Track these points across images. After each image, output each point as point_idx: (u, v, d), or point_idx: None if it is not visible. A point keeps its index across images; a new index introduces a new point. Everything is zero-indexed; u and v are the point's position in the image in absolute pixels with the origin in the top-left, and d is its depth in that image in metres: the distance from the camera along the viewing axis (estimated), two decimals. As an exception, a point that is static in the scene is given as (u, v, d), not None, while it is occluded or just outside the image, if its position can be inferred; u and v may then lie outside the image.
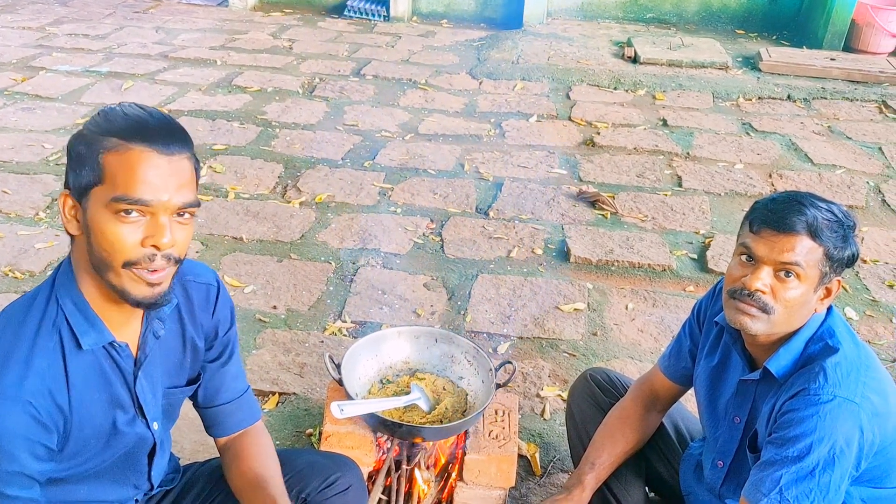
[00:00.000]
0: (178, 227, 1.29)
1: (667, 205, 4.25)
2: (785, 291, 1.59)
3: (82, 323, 1.34)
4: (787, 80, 6.37)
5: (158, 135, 1.25)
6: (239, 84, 5.82)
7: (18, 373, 1.26)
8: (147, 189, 1.23)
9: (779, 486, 1.58)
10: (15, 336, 1.30)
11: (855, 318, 3.34)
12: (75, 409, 1.34)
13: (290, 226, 3.88)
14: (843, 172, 4.76)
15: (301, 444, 2.55)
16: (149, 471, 1.60)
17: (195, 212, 1.33)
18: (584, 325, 3.22)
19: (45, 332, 1.31)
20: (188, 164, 1.30)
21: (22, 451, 1.26)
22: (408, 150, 4.81)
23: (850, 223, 1.61)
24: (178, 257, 1.32)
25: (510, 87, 6.12)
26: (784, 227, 1.57)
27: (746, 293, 1.60)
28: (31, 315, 1.33)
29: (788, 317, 1.62)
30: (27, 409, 1.25)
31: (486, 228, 3.93)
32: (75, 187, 1.27)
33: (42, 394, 1.28)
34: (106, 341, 1.37)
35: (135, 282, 1.28)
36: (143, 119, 1.26)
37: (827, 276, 1.60)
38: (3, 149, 4.52)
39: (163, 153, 1.25)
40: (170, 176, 1.26)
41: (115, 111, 1.28)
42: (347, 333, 3.10)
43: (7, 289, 3.22)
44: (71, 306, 1.33)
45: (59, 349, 1.32)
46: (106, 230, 1.25)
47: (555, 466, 2.51)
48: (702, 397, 1.94)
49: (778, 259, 1.57)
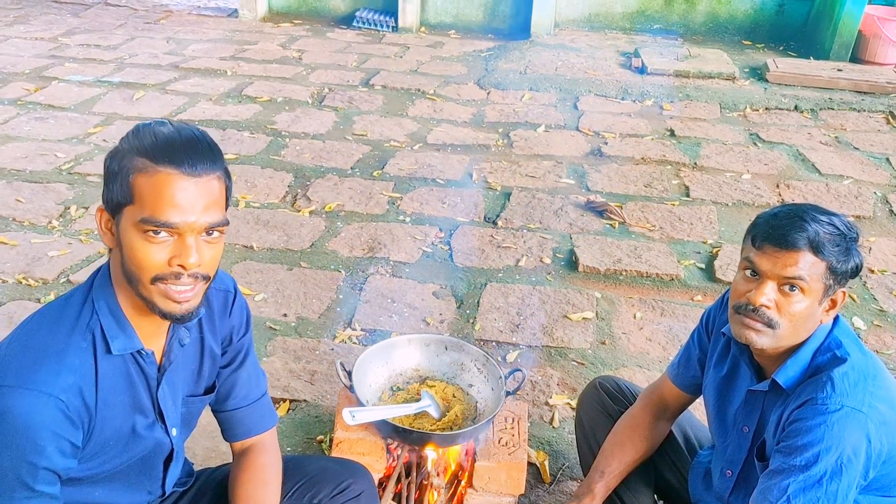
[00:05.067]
0: (205, 246, 1.32)
1: (674, 214, 4.27)
2: (789, 306, 1.60)
3: (114, 328, 1.37)
4: (795, 90, 6.39)
5: (186, 156, 1.27)
6: (249, 94, 5.87)
7: (52, 368, 1.29)
8: (174, 212, 1.26)
9: (786, 494, 1.59)
10: (50, 333, 1.33)
11: (863, 327, 3.35)
12: (100, 410, 1.37)
13: (300, 234, 3.91)
14: (851, 183, 4.77)
15: (312, 450, 2.57)
16: (163, 478, 1.62)
17: (224, 230, 1.36)
18: (593, 334, 3.24)
19: (80, 332, 1.34)
20: (217, 183, 1.32)
21: (50, 445, 1.28)
22: (416, 160, 4.84)
23: (853, 235, 1.62)
24: (207, 275, 1.35)
25: (518, 97, 6.16)
26: (786, 244, 1.57)
27: (751, 308, 1.61)
28: (67, 314, 1.36)
29: (794, 330, 1.63)
30: (58, 404, 1.28)
31: (494, 237, 3.95)
32: (109, 203, 1.31)
33: (73, 391, 1.31)
34: (135, 348, 1.40)
35: (163, 297, 1.32)
36: (172, 140, 1.28)
37: (831, 288, 1.61)
38: (17, 158, 4.56)
39: (190, 175, 1.27)
40: (197, 197, 1.28)
41: (147, 130, 1.30)
42: (357, 341, 3.13)
43: (21, 296, 3.25)
44: (105, 311, 1.37)
45: (91, 350, 1.35)
46: (135, 248, 1.28)
47: (564, 474, 2.52)
48: (711, 407, 1.95)
49: (781, 274, 1.58)
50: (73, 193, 4.18)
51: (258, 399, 1.75)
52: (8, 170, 4.41)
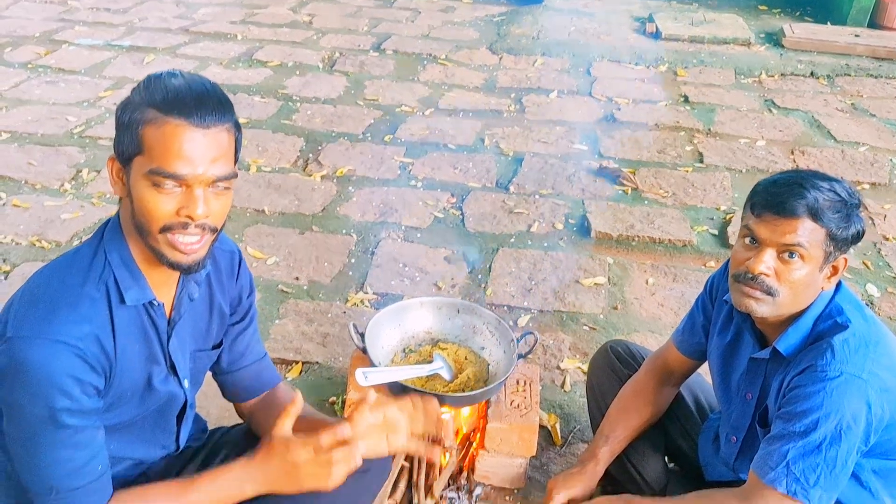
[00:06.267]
0: (213, 197, 1.32)
1: (688, 181, 4.24)
2: (789, 273, 1.59)
3: (127, 278, 1.38)
4: (811, 56, 6.30)
5: (195, 107, 1.27)
6: (259, 58, 5.83)
7: (67, 318, 1.30)
8: (181, 163, 1.26)
9: (786, 460, 1.60)
10: (63, 284, 1.34)
11: (877, 294, 3.33)
12: (119, 359, 1.38)
13: (312, 199, 3.90)
14: (867, 150, 4.72)
15: (324, 412, 2.58)
16: (177, 431, 1.64)
17: (232, 183, 1.36)
18: (605, 299, 3.23)
19: (92, 283, 1.35)
20: (226, 135, 1.32)
21: (75, 389, 1.29)
22: (428, 125, 4.81)
23: (855, 201, 1.60)
24: (214, 227, 1.35)
25: (530, 62, 6.10)
26: (784, 211, 1.56)
27: (750, 276, 1.61)
28: (79, 266, 1.37)
29: (794, 297, 1.63)
30: (76, 351, 1.29)
31: (506, 203, 3.94)
32: (120, 153, 1.32)
33: (90, 339, 1.32)
34: (147, 299, 1.41)
35: (170, 247, 1.33)
36: (182, 91, 1.27)
37: (832, 255, 1.60)
38: (28, 121, 4.56)
39: (198, 126, 1.27)
40: (205, 149, 1.28)
41: (157, 81, 1.29)
42: (369, 305, 3.13)
43: (35, 258, 3.27)
44: (118, 262, 1.38)
45: (105, 301, 1.36)
46: (144, 198, 1.29)
47: (575, 437, 2.53)
48: (715, 374, 1.96)
49: (780, 241, 1.57)
50: (84, 157, 4.18)
51: (266, 355, 1.79)
52: (20, 133, 4.41)
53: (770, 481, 1.61)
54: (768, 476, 1.61)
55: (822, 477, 1.57)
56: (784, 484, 1.59)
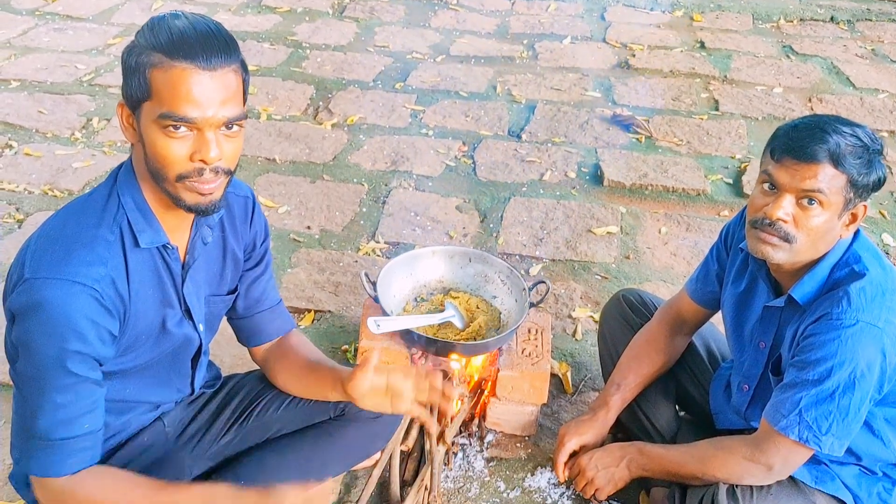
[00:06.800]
0: (225, 140, 1.32)
1: (702, 129, 4.18)
2: (808, 219, 1.57)
3: (141, 221, 1.38)
4: (831, 0, 6.15)
5: (201, 49, 1.25)
6: (268, 4, 5.74)
7: (83, 259, 1.31)
8: (191, 107, 1.25)
9: (798, 407, 1.60)
10: (78, 226, 1.35)
11: (892, 244, 3.30)
12: (133, 302, 1.39)
13: (323, 147, 3.88)
14: (886, 97, 4.63)
15: (337, 360, 2.59)
16: (192, 375, 1.67)
17: (243, 124, 1.35)
18: (617, 249, 3.22)
19: (106, 226, 1.36)
20: (233, 76, 1.30)
21: (90, 332, 1.31)
22: (439, 72, 4.75)
23: (877, 147, 1.57)
24: (229, 169, 1.35)
25: (543, 7, 5.98)
26: (805, 156, 1.53)
27: (768, 222, 1.59)
28: (92, 208, 1.37)
29: (812, 245, 1.61)
30: (92, 293, 1.30)
31: (518, 151, 3.90)
32: (128, 98, 1.31)
33: (106, 281, 1.33)
34: (161, 242, 1.41)
35: (188, 191, 1.32)
36: (187, 34, 1.26)
37: (851, 202, 1.57)
38: (37, 69, 4.52)
39: (205, 68, 1.25)
40: (214, 91, 1.26)
41: (161, 24, 1.28)
42: (381, 254, 3.13)
43: (48, 206, 3.27)
44: (132, 205, 1.38)
45: (119, 243, 1.36)
46: (156, 144, 1.28)
47: (586, 385, 2.54)
48: (728, 322, 1.95)
49: (800, 187, 1.54)
50: (94, 105, 4.16)
51: (280, 301, 1.80)
52: (29, 81, 4.38)
53: (782, 429, 1.62)
54: (780, 423, 1.62)
55: (834, 425, 1.58)
56: (796, 431, 1.60)
